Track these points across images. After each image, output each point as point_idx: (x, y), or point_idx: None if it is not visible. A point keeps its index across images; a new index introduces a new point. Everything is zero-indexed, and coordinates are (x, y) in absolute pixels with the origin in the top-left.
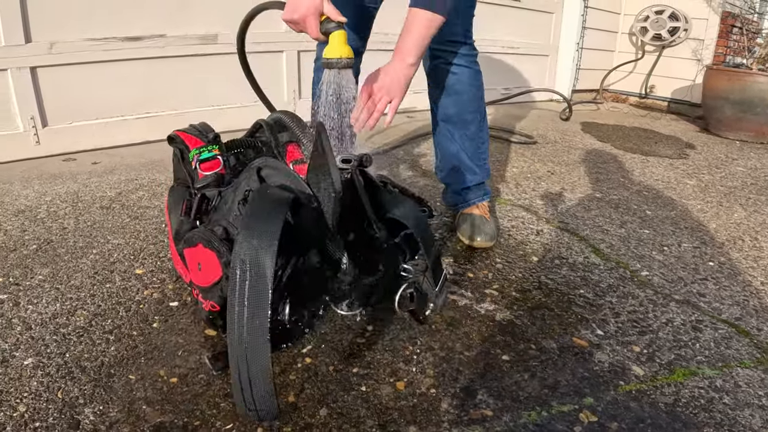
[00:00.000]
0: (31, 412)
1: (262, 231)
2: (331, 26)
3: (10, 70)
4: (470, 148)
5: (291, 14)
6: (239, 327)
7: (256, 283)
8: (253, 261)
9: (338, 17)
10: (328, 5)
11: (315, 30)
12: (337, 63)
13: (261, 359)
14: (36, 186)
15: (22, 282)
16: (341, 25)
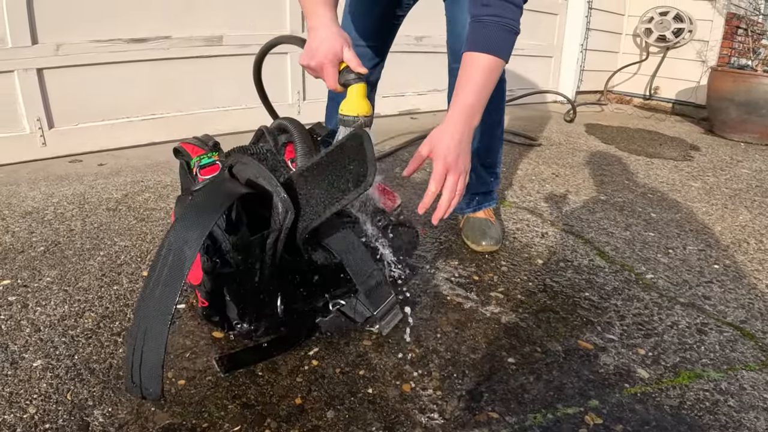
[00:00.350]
0: (41, 414)
1: (193, 223)
2: (350, 77)
3: (16, 72)
4: (484, 155)
5: (308, 60)
6: (146, 305)
7: (172, 270)
8: (177, 249)
9: (359, 68)
10: (348, 52)
11: (333, 80)
12: (354, 122)
13: (158, 339)
14: (43, 187)
15: (30, 284)
16: (361, 77)
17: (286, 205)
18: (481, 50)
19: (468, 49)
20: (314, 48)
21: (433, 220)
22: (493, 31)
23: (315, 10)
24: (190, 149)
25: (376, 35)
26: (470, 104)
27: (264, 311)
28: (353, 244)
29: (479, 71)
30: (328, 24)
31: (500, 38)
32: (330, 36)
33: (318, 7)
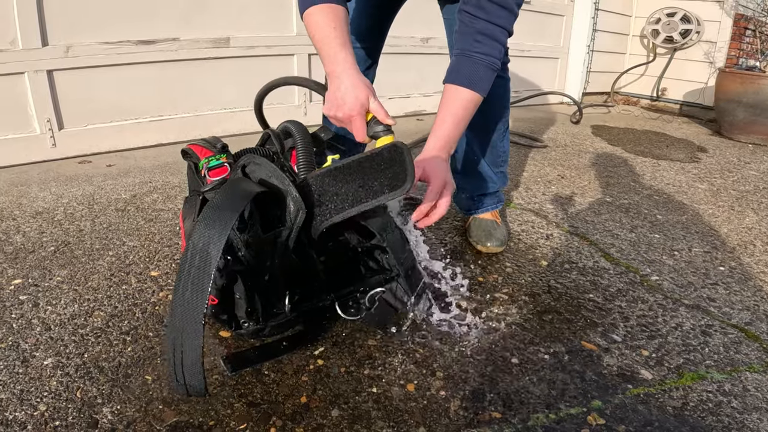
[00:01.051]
0: (51, 411)
1: (215, 221)
2: (379, 129)
3: (27, 74)
4: (491, 156)
5: (335, 111)
6: (178, 306)
7: (199, 270)
8: (203, 248)
9: (387, 119)
10: (375, 103)
11: (362, 132)
12: None
13: (195, 338)
14: (53, 188)
15: (41, 283)
16: (390, 129)
17: (297, 205)
18: (465, 85)
19: (452, 82)
20: (340, 98)
21: (420, 225)
22: (480, 69)
23: (335, 55)
24: (198, 151)
25: (369, 36)
26: (451, 136)
27: (272, 310)
28: (391, 224)
29: (460, 105)
30: (350, 71)
31: (484, 77)
32: (355, 86)
33: (339, 52)
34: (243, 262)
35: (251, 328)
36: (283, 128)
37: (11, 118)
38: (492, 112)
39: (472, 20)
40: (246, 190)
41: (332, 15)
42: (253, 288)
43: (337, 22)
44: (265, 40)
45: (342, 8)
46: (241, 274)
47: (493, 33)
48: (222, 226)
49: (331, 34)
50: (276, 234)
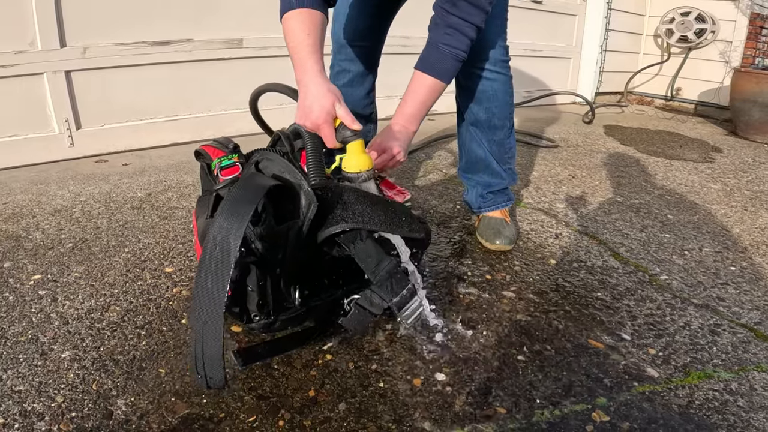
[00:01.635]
0: (67, 403)
1: (233, 214)
2: (347, 135)
3: (46, 74)
4: (498, 153)
5: (303, 120)
6: (200, 298)
7: (219, 262)
8: (222, 241)
9: (353, 125)
10: (341, 109)
11: (331, 140)
12: (357, 178)
13: (216, 329)
14: (71, 186)
15: (59, 278)
16: (358, 133)
17: (309, 198)
18: (431, 74)
19: (420, 69)
20: (307, 107)
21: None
22: (446, 59)
23: (303, 63)
24: (211, 151)
25: (369, 35)
26: (414, 114)
27: (282, 304)
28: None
29: (425, 90)
30: (316, 80)
31: (449, 66)
32: (320, 94)
33: (306, 60)
34: (256, 254)
35: (262, 321)
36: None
37: (31, 118)
38: (497, 110)
39: (444, 15)
40: (261, 184)
41: (308, 21)
42: (265, 281)
43: (311, 27)
44: (276, 41)
45: (319, 14)
46: (254, 266)
47: (462, 28)
48: (240, 218)
49: (303, 41)
50: (289, 226)
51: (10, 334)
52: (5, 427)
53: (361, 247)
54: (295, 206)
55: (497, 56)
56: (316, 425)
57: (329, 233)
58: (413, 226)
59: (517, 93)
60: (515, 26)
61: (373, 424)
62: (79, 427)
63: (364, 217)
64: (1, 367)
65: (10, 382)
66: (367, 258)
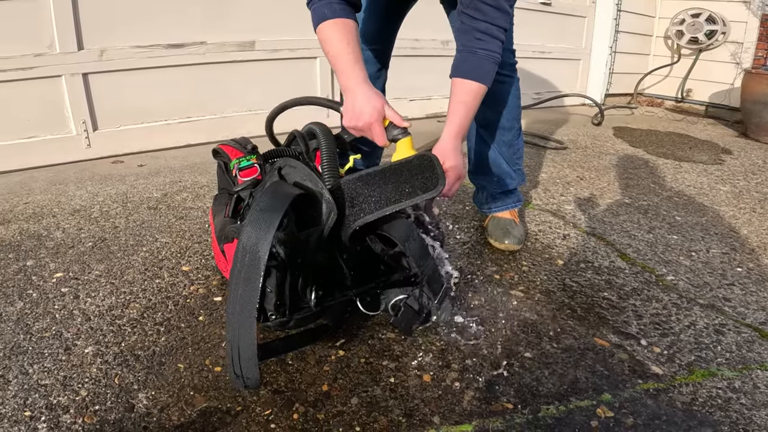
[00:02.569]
0: (91, 396)
1: (261, 223)
2: (396, 132)
3: (64, 77)
4: (507, 154)
5: (354, 121)
6: (233, 304)
7: (251, 267)
8: (251, 249)
9: (402, 123)
10: (390, 110)
11: (382, 137)
12: None
13: (249, 332)
14: (89, 187)
15: (80, 276)
16: (407, 131)
17: (330, 207)
18: (473, 78)
19: (460, 76)
20: (358, 110)
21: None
22: (484, 63)
23: (350, 71)
24: (229, 151)
25: (378, 39)
26: (463, 124)
27: (299, 304)
28: (413, 234)
29: (470, 95)
30: (363, 85)
31: (488, 69)
32: (370, 97)
33: (353, 68)
34: (277, 258)
35: (278, 320)
36: (308, 129)
37: (49, 119)
38: (506, 112)
39: (471, 21)
40: (287, 193)
41: (344, 30)
42: (284, 282)
43: (349, 37)
44: (288, 44)
45: (353, 22)
46: (275, 269)
47: (491, 31)
48: (268, 227)
49: (344, 49)
50: (309, 233)
51: (35, 330)
52: (32, 419)
53: (414, 245)
54: (315, 213)
55: (506, 60)
56: (329, 418)
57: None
58: (427, 181)
59: (526, 95)
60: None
61: (384, 418)
62: (102, 420)
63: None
64: (28, 361)
65: (36, 376)
66: (418, 256)
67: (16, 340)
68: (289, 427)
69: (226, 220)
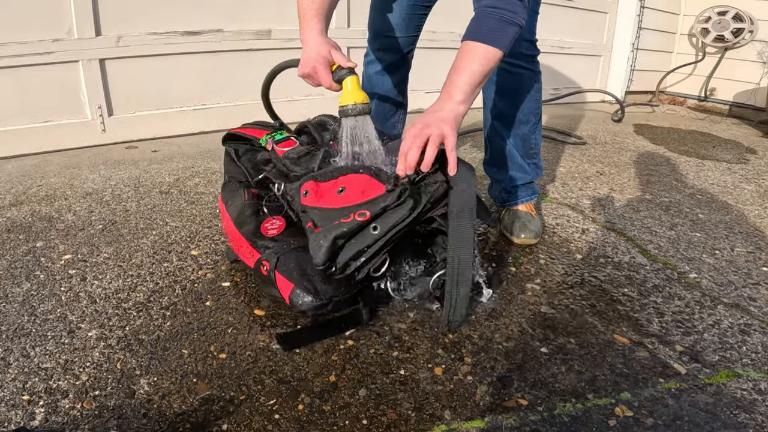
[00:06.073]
0: (92, 381)
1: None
2: (342, 73)
3: (81, 62)
4: (523, 147)
5: (303, 68)
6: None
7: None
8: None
9: (348, 63)
10: (336, 53)
11: (327, 79)
12: (353, 110)
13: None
14: (102, 171)
15: (88, 259)
16: (353, 70)
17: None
18: (478, 40)
19: (465, 38)
20: (306, 56)
21: (399, 171)
22: (490, 22)
23: (306, 25)
24: (254, 132)
25: (403, 27)
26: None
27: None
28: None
29: (472, 58)
30: (315, 35)
31: (496, 29)
32: (317, 44)
33: (309, 21)
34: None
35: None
36: (319, 121)
37: (66, 104)
38: (522, 104)
39: None
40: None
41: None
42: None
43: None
44: (298, 33)
45: None
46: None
47: None
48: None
49: (307, 7)
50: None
51: (39, 311)
52: (30, 403)
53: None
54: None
55: (522, 51)
56: (335, 410)
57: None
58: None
59: (545, 90)
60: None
61: (392, 411)
62: (101, 406)
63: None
64: (30, 344)
65: (38, 359)
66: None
67: (20, 322)
68: (294, 418)
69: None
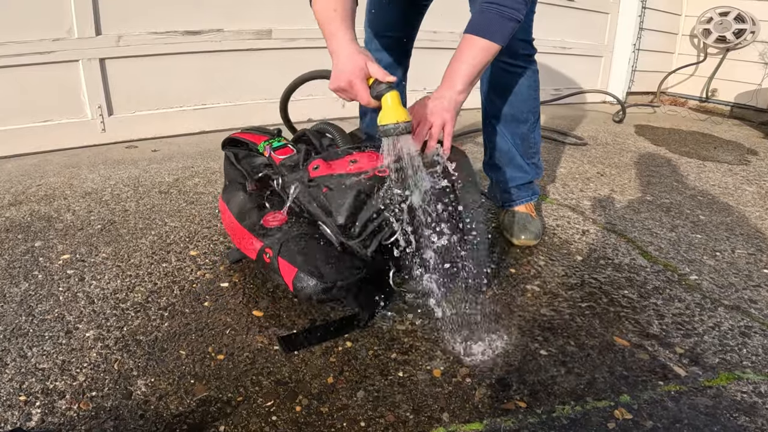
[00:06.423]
0: (89, 382)
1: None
2: (381, 88)
3: (81, 61)
4: (522, 147)
5: (337, 82)
6: None
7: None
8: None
9: (387, 77)
10: (373, 66)
11: (365, 95)
12: (395, 129)
13: None
14: (101, 170)
15: (87, 259)
16: (392, 85)
17: None
18: (479, 34)
19: (467, 31)
20: (339, 70)
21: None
22: (489, 17)
23: (334, 33)
24: (252, 138)
25: (401, 27)
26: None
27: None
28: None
29: (471, 51)
30: (347, 45)
31: (495, 23)
32: (351, 54)
33: (337, 30)
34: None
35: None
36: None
37: (65, 103)
38: (521, 104)
39: None
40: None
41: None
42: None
43: (338, 4)
44: (305, 33)
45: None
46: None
47: None
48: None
49: (330, 15)
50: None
51: (37, 311)
52: (27, 404)
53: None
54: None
55: (519, 50)
56: (333, 412)
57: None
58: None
59: (546, 90)
60: (545, 23)
61: (390, 413)
62: (98, 407)
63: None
64: (27, 344)
65: (35, 359)
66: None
67: (17, 322)
68: (291, 419)
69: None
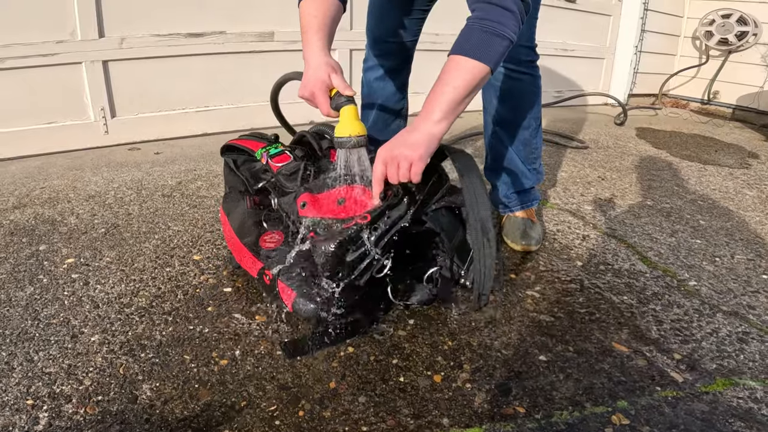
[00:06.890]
0: (95, 386)
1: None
2: (341, 101)
3: (84, 63)
4: (524, 152)
5: (303, 91)
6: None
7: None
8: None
9: (347, 91)
10: (336, 78)
11: (325, 106)
12: (347, 142)
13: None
14: (104, 173)
15: (91, 263)
16: (352, 99)
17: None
18: (463, 54)
19: (451, 52)
20: (306, 79)
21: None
22: (477, 35)
23: (308, 41)
24: (250, 144)
25: (402, 31)
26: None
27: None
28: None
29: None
30: (316, 54)
31: (482, 43)
32: (318, 65)
33: (311, 38)
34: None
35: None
36: (317, 130)
37: (69, 106)
38: (523, 109)
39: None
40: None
41: (319, 5)
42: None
43: (320, 11)
44: None
45: (334, 1)
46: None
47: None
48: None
49: (309, 21)
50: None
51: (42, 316)
52: (34, 408)
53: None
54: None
55: (522, 57)
56: (335, 417)
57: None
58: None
59: (547, 92)
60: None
61: (391, 418)
62: (104, 411)
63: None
64: (33, 348)
65: (41, 363)
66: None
67: (23, 326)
68: (294, 424)
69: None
